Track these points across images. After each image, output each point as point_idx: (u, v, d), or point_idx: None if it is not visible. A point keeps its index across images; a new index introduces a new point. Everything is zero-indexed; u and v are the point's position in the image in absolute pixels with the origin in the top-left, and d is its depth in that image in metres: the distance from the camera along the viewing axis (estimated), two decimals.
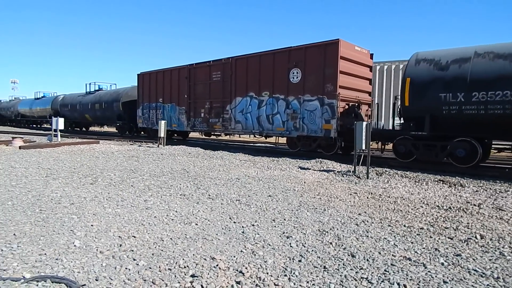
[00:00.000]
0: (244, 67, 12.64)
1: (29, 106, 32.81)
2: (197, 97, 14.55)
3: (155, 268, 2.76)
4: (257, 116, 12.25)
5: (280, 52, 11.57)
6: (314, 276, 2.69)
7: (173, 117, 15.89)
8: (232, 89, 13.06)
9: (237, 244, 3.36)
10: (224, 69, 13.36)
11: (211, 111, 13.99)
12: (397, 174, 7.64)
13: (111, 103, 21.11)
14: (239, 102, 12.85)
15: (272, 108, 11.78)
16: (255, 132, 12.53)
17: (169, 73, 15.98)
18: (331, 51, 10.18)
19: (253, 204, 4.95)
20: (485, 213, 4.68)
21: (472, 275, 2.76)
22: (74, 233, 3.53)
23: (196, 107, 14.67)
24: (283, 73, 11.41)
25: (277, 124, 11.68)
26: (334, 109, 10.14)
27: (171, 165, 8.62)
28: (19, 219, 3.95)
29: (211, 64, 13.92)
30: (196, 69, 14.61)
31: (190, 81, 14.80)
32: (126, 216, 4.18)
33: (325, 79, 10.32)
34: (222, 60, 13.43)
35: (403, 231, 3.85)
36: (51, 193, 5.32)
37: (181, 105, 15.42)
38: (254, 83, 12.32)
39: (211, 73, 13.88)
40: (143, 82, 17.73)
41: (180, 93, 15.39)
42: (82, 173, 7.15)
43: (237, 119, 12.98)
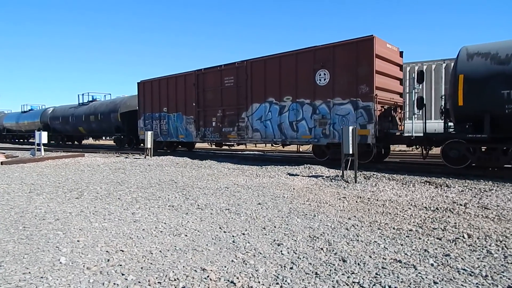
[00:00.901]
0: (262, 70, 11.60)
1: (16, 120, 31.03)
2: (207, 105, 13.43)
3: (145, 282, 2.70)
4: (278, 123, 11.19)
5: (304, 52, 10.54)
6: (306, 283, 2.67)
7: (179, 127, 14.70)
8: (248, 94, 11.99)
9: (227, 253, 3.33)
10: (238, 74, 12.26)
11: (224, 119, 12.83)
12: (384, 177, 7.73)
13: (107, 114, 19.72)
14: (257, 109, 11.81)
15: (296, 114, 10.74)
16: (276, 141, 11.44)
17: (174, 80, 14.84)
18: (365, 48, 9.23)
19: (243, 212, 4.92)
20: (471, 213, 4.77)
21: (461, 274, 2.79)
22: (60, 249, 3.43)
23: (206, 116, 13.52)
24: (308, 75, 10.41)
25: (303, 131, 10.61)
26: (370, 113, 9.19)
27: (159, 176, 8.52)
28: (1, 237, 3.82)
29: (222, 69, 12.83)
30: (205, 74, 13.49)
31: (199, 87, 13.68)
32: (113, 230, 4.10)
33: (359, 80, 9.37)
34: (236, 63, 12.33)
35: (392, 234, 3.88)
36: (35, 209, 5.17)
37: (188, 114, 14.22)
38: (273, 88, 11.30)
39: (222, 78, 12.79)
40: (144, 91, 16.46)
41: (187, 101, 14.21)
42: (67, 188, 7.00)
43: (254, 127, 11.89)
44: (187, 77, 14.23)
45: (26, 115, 29.77)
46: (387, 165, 9.80)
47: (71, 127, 23.65)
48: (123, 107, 18.90)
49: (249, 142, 12.68)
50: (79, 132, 23.52)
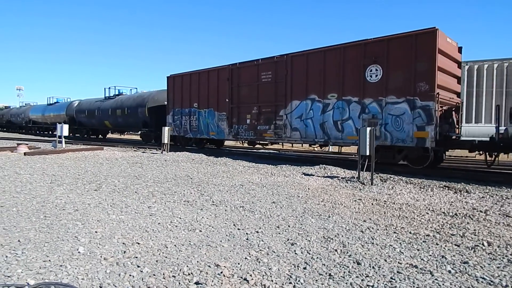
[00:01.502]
0: (303, 65, 10.82)
1: (42, 112, 31.20)
2: (242, 101, 12.76)
3: (159, 275, 2.74)
4: (321, 122, 10.38)
5: (352, 46, 9.77)
6: (320, 283, 2.66)
7: (210, 124, 14.09)
8: (287, 91, 11.28)
9: (241, 251, 3.34)
10: (276, 69, 11.56)
11: (259, 117, 12.15)
12: (402, 180, 7.59)
13: (135, 108, 19.03)
14: (297, 107, 11.05)
15: (342, 112, 9.94)
16: (318, 141, 10.64)
17: (206, 75, 14.19)
18: (426, 42, 8.44)
19: (257, 210, 4.93)
20: (492, 220, 4.63)
21: (480, 283, 2.72)
22: (78, 239, 3.52)
23: (240, 113, 12.86)
24: (357, 71, 9.60)
25: (349, 131, 9.74)
26: (430, 113, 8.35)
27: (175, 172, 8.63)
28: (24, 225, 3.96)
29: (259, 63, 12.12)
30: (240, 69, 12.82)
31: (233, 83, 13.01)
32: (130, 223, 4.18)
33: (417, 77, 8.55)
34: (275, 58, 11.62)
35: (409, 238, 3.81)
36: (56, 199, 5.33)
37: (221, 110, 13.58)
38: (316, 84, 10.50)
39: (259, 74, 12.08)
40: (174, 85, 15.81)
41: (219, 97, 13.57)
42: (86, 180, 7.17)
43: (294, 126, 11.15)
44: (220, 72, 13.57)
45: (52, 107, 29.93)
46: (404, 168, 9.62)
47: (96, 120, 23.25)
48: (151, 101, 18.25)
49: (287, 142, 11.93)
50: (105, 126, 23.12)
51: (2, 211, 4.54)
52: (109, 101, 22.28)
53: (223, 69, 13.46)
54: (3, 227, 3.86)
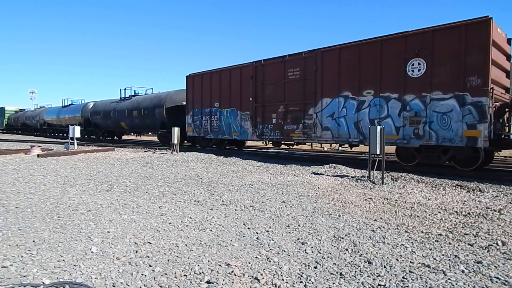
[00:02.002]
0: (335, 60, 10.26)
1: (56, 115, 31.14)
2: (267, 100, 12.28)
3: (171, 274, 2.77)
4: (355, 121, 9.79)
5: (392, 39, 9.16)
6: (331, 283, 2.65)
7: (233, 124, 13.59)
8: (317, 88, 10.71)
9: (251, 250, 3.35)
10: (305, 65, 11.01)
11: (286, 116, 11.61)
12: (413, 179, 7.50)
13: (152, 109, 18.62)
14: (328, 104, 10.47)
15: (380, 110, 9.31)
16: (352, 141, 10.01)
17: (227, 73, 13.75)
18: (478, 33, 7.83)
19: (267, 210, 4.94)
20: (506, 219, 4.55)
21: (494, 283, 2.67)
22: (91, 239, 3.58)
23: (264, 112, 12.35)
24: (397, 66, 8.99)
25: (388, 130, 8.87)
26: (483, 110, 7.69)
27: (185, 172, 8.69)
28: (38, 226, 4.03)
29: (286, 60, 11.60)
30: (264, 66, 12.35)
31: (257, 81, 12.54)
32: (141, 223, 4.22)
33: (467, 71, 7.92)
34: (303, 53, 11.05)
35: (421, 238, 3.77)
36: (69, 200, 5.42)
37: (244, 109, 13.09)
38: (350, 80, 9.91)
39: (286, 70, 11.57)
40: (194, 85, 15.42)
41: (242, 96, 13.13)
42: (98, 180, 7.27)
43: (324, 125, 10.56)
44: (243, 70, 13.10)
45: (67, 109, 29.83)
46: (415, 166, 9.51)
47: (112, 122, 22.94)
48: (169, 102, 17.77)
49: (317, 142, 11.35)
50: (121, 128, 22.77)
51: (17, 212, 4.64)
52: (125, 102, 21.94)
53: (246, 67, 12.96)
54: (18, 227, 3.94)
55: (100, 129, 25.10)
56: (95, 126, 25.26)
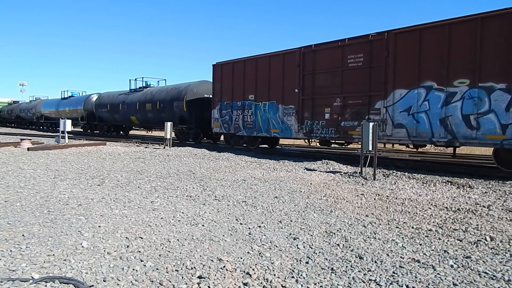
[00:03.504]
0: (413, 44, 8.62)
1: (55, 107, 28.72)
2: (318, 92, 10.55)
3: (162, 269, 2.76)
4: (441, 116, 8.14)
5: (496, 16, 7.53)
6: (322, 278, 2.67)
7: (272, 119, 11.91)
8: (388, 78, 9.00)
9: (244, 245, 3.36)
10: (371, 50, 9.37)
11: (344, 110, 9.92)
12: (404, 176, 7.58)
13: (169, 102, 16.68)
14: (402, 97, 8.80)
15: (478, 104, 7.66)
16: (437, 141, 8.30)
17: (266, 61, 12.02)
18: None
19: (259, 205, 4.94)
20: (495, 215, 4.62)
21: (482, 277, 2.72)
22: (82, 234, 3.55)
23: (315, 106, 10.63)
24: (502, 48, 7.39)
25: (489, 129, 7.50)
26: None
27: (177, 167, 8.65)
28: (28, 220, 3.98)
29: (345, 44, 9.91)
30: (315, 52, 10.61)
31: (305, 69, 10.83)
32: (133, 217, 4.20)
33: None
34: (369, 36, 9.38)
35: (411, 233, 3.81)
36: (59, 194, 5.36)
37: (287, 103, 11.41)
38: (434, 67, 8.27)
39: (344, 57, 9.89)
40: (222, 75, 13.64)
41: (285, 87, 11.42)
42: (89, 175, 7.21)
43: (397, 121, 8.88)
44: (286, 57, 11.43)
45: (67, 102, 27.61)
46: (407, 163, 9.60)
47: (121, 116, 20.82)
48: (189, 94, 15.82)
49: (386, 142, 9.65)
50: (130, 122, 20.81)
51: (6, 205, 4.58)
52: (135, 94, 19.85)
53: (291, 53, 11.28)
54: (7, 221, 3.89)
55: (106, 123, 23.03)
56: (100, 120, 23.21)
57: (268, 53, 12.12)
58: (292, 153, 12.43)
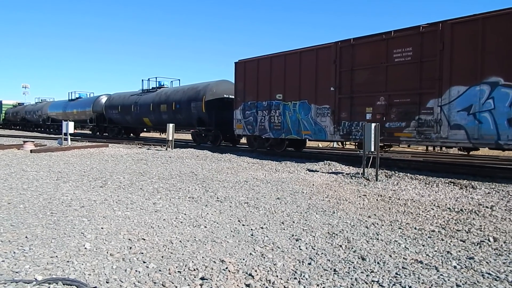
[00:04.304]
0: (474, 35, 7.70)
1: (62, 109, 27.84)
2: (357, 90, 9.66)
3: (165, 271, 2.76)
4: (510, 116, 7.28)
5: None
6: (324, 279, 2.67)
7: (303, 120, 10.98)
8: (443, 73, 8.12)
9: (246, 246, 3.36)
10: (422, 43, 8.46)
11: (389, 110, 9.03)
12: (407, 176, 7.56)
13: (186, 103, 15.85)
14: (460, 95, 7.93)
15: None
16: (504, 143, 7.39)
17: (296, 58, 11.16)
18: None
19: (261, 206, 4.94)
20: (498, 216, 4.60)
21: (486, 278, 2.70)
22: (85, 235, 3.56)
23: (354, 105, 9.74)
24: None
25: None
26: None
27: (180, 168, 8.66)
28: (31, 222, 4.00)
29: (391, 37, 9.01)
30: (354, 47, 9.73)
31: (342, 66, 9.95)
32: (135, 219, 4.21)
33: None
34: (420, 27, 8.48)
35: (414, 234, 3.80)
36: (62, 196, 5.38)
37: (320, 102, 10.50)
38: (501, 61, 7.37)
39: (389, 51, 9.00)
40: (246, 73, 12.84)
41: (318, 85, 10.51)
42: (92, 176, 7.23)
43: (453, 121, 8.01)
44: (320, 52, 10.52)
45: (75, 103, 26.68)
46: (409, 164, 9.58)
47: (133, 117, 19.85)
48: (208, 94, 14.96)
49: (440, 144, 8.67)
50: (143, 124, 19.86)
51: (9, 207, 4.60)
52: (148, 94, 19.00)
53: (325, 49, 10.40)
54: (10, 223, 3.91)
55: (116, 125, 22.09)
56: (110, 122, 22.33)
57: (298, 49, 11.19)
58: (294, 154, 12.41)
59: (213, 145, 15.14)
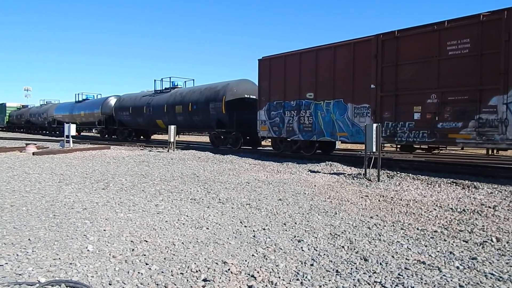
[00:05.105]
0: None
1: (69, 111, 27.06)
2: (403, 87, 8.82)
3: (168, 273, 2.77)
4: None
5: None
6: (327, 280, 2.66)
7: (338, 121, 10.12)
8: (509, 66, 7.30)
9: (248, 248, 3.36)
10: (483, 33, 7.60)
11: (442, 108, 8.17)
12: (409, 177, 7.55)
13: (204, 103, 15.06)
14: None
15: None
16: None
17: (329, 53, 10.33)
18: None
19: (263, 208, 4.94)
20: (501, 216, 4.59)
21: (488, 279, 2.70)
22: (87, 237, 3.57)
23: (399, 104, 8.90)
24: None
25: None
26: None
27: (181, 170, 8.67)
28: (34, 224, 4.01)
29: (444, 28, 8.12)
30: (399, 39, 8.89)
31: (384, 60, 9.15)
32: (137, 221, 4.21)
33: None
34: (480, 16, 7.64)
35: (416, 234, 3.80)
36: (64, 198, 5.39)
37: (358, 101, 9.68)
38: None
39: (442, 43, 8.15)
40: (271, 71, 12.02)
41: (356, 82, 9.72)
42: (94, 179, 7.24)
43: None
44: (357, 47, 9.73)
45: (82, 105, 25.94)
46: (411, 164, 9.56)
47: (145, 119, 19.09)
48: (229, 94, 14.16)
49: (507, 147, 7.60)
50: (156, 126, 18.97)
51: (12, 210, 4.61)
52: (162, 95, 18.19)
53: (364, 42, 9.61)
54: (13, 226, 3.92)
55: (127, 127, 21.24)
56: (120, 124, 21.55)
57: (332, 44, 10.36)
58: (295, 155, 12.41)
59: (234, 148, 14.37)
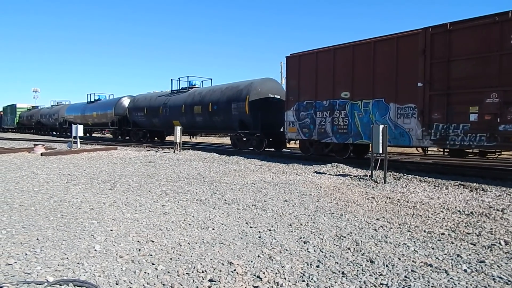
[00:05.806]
0: None
1: (81, 112, 26.57)
2: (456, 85, 8.09)
3: (174, 273, 2.78)
4: None
5: None
6: (333, 281, 2.66)
7: (379, 122, 9.26)
8: None
9: (254, 249, 3.36)
10: None
11: (505, 109, 7.40)
12: (416, 179, 7.49)
13: (226, 103, 14.29)
14: None
15: None
16: None
17: (367, 49, 9.63)
18: None
19: (269, 209, 4.94)
20: (510, 219, 4.53)
21: (497, 282, 2.67)
22: (95, 237, 3.60)
23: (451, 104, 8.14)
24: None
25: None
26: None
27: (187, 171, 8.71)
28: (42, 224, 4.06)
29: (507, 19, 7.37)
30: (453, 33, 8.13)
31: (434, 56, 8.42)
32: (144, 221, 4.24)
33: None
34: None
35: (423, 237, 3.77)
36: (72, 198, 5.45)
37: (402, 101, 8.92)
38: None
39: (505, 36, 7.39)
40: (300, 68, 11.25)
41: (399, 81, 8.98)
42: (101, 179, 7.30)
43: None
44: (401, 41, 9.00)
45: (94, 106, 25.31)
46: (418, 166, 9.49)
47: (161, 120, 18.33)
48: (253, 94, 13.37)
49: None
50: (173, 128, 17.28)
51: (21, 210, 4.67)
52: (179, 95, 17.43)
53: (409, 37, 8.88)
54: (22, 225, 3.97)
55: (141, 128, 20.49)
56: (135, 125, 20.80)
57: (371, 38, 9.66)
58: (301, 156, 12.39)
59: (258, 150, 13.66)
